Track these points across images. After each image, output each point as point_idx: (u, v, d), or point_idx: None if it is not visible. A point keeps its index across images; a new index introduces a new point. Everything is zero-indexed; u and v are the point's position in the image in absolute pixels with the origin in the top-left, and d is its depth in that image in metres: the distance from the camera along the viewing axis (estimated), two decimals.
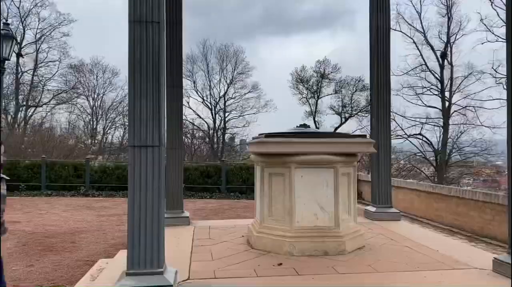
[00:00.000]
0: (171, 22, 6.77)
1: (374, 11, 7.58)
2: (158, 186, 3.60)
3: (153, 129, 3.58)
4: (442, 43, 27.93)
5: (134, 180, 3.57)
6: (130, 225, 3.58)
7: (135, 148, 3.58)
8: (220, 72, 34.54)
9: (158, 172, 3.60)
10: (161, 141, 3.65)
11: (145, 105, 3.60)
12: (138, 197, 3.57)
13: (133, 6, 3.67)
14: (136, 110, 3.59)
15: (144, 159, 3.57)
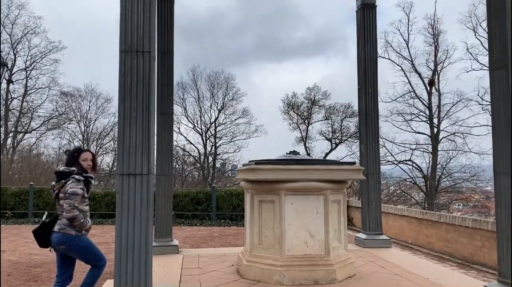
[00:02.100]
0: (162, 51, 6.86)
1: (362, 41, 7.76)
2: (147, 215, 3.57)
3: (142, 157, 3.58)
4: (429, 71, 28.54)
5: (122, 208, 3.54)
6: (118, 254, 3.52)
7: (123, 176, 3.56)
8: (211, 98, 34.77)
9: (146, 201, 3.58)
10: (150, 169, 3.64)
11: (134, 133, 3.60)
12: (126, 226, 3.53)
13: (124, 36, 3.73)
14: (125, 138, 3.59)
15: (132, 187, 3.56)
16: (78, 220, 4.13)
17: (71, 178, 4.20)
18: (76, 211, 4.12)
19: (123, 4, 3.83)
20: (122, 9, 3.83)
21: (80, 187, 4.19)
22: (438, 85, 28.16)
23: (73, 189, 4.15)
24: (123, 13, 3.81)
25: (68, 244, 4.19)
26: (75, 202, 4.13)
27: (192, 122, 34.45)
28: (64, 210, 4.14)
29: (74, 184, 4.17)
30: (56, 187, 4.30)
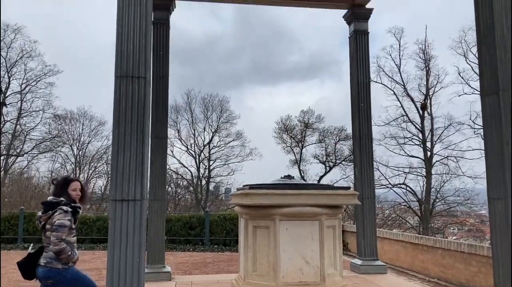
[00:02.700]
0: (157, 76, 6.90)
1: (354, 66, 7.88)
2: (139, 241, 3.51)
3: (136, 182, 3.55)
4: (422, 95, 28.90)
5: (114, 235, 3.48)
6: (109, 281, 3.45)
7: (116, 202, 3.52)
8: (205, 121, 34.85)
9: (139, 227, 3.52)
10: (144, 195, 3.60)
11: (128, 158, 3.58)
12: (118, 253, 3.47)
13: (119, 62, 3.75)
14: (119, 163, 3.57)
15: (125, 213, 3.51)
16: (66, 253, 4.00)
17: (59, 209, 4.07)
18: (64, 244, 3.99)
19: (119, 29, 3.86)
20: (118, 35, 3.86)
21: (68, 218, 4.06)
22: (431, 109, 28.48)
23: (61, 221, 4.01)
24: (119, 38, 3.84)
25: (55, 279, 4.05)
26: (63, 234, 4.00)
27: (186, 145, 34.42)
28: (51, 242, 4.01)
29: (62, 215, 4.04)
30: (43, 218, 4.17)
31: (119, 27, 3.86)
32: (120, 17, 3.88)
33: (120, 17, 3.88)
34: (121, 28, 3.85)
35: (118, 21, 3.88)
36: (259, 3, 8.60)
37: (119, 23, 3.87)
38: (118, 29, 3.85)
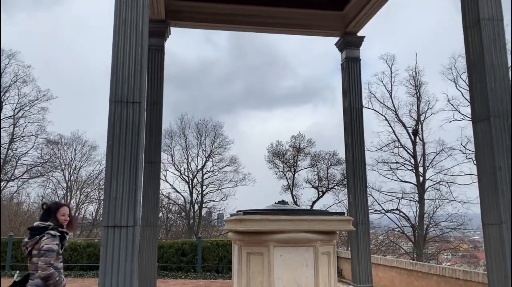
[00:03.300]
0: (151, 101, 6.93)
1: (347, 93, 7.98)
2: (131, 269, 3.45)
3: (129, 208, 3.51)
4: (413, 121, 29.21)
5: (106, 262, 3.42)
6: None
7: (108, 228, 3.47)
8: (198, 146, 34.79)
9: (131, 254, 3.46)
10: (136, 221, 3.55)
11: (121, 183, 3.55)
12: (110, 280, 3.39)
13: (114, 87, 3.76)
14: (112, 189, 3.53)
15: (117, 240, 3.45)
16: (54, 278, 3.90)
17: (46, 234, 3.99)
18: (52, 269, 3.90)
19: (115, 55, 3.90)
20: (114, 60, 3.89)
21: (56, 243, 3.98)
22: (422, 135, 28.74)
23: (49, 246, 3.92)
24: (115, 64, 3.87)
25: None
26: (51, 259, 3.91)
27: (179, 169, 34.24)
28: (39, 267, 3.91)
29: (50, 240, 3.96)
30: (30, 243, 4.08)
31: (115, 53, 3.89)
32: (116, 42, 3.92)
33: (116, 43, 3.92)
34: (117, 54, 3.89)
35: (114, 47, 3.92)
36: (253, 30, 8.75)
37: (115, 48, 3.91)
38: (113, 55, 3.89)
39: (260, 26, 8.24)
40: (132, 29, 3.92)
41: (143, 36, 3.94)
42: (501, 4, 4.61)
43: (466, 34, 4.75)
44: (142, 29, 3.95)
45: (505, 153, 4.17)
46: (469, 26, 4.68)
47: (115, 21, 3.93)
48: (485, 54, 4.41)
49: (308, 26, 8.25)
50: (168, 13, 7.60)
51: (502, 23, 4.59)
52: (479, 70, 4.47)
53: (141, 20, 3.96)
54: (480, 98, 4.42)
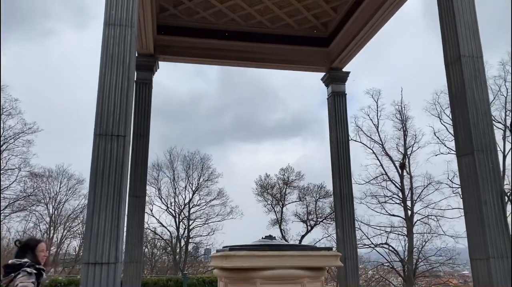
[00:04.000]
0: (138, 134, 6.89)
1: (333, 126, 8.05)
2: None
3: (111, 245, 3.41)
4: (400, 154, 29.46)
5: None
6: None
7: (89, 265, 3.35)
8: (186, 179, 34.50)
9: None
10: (118, 258, 3.44)
11: (103, 219, 3.46)
12: None
13: (99, 120, 3.73)
14: (94, 225, 3.44)
15: (98, 277, 3.33)
16: None
17: (22, 271, 3.82)
18: None
19: (101, 88, 3.89)
20: (100, 93, 3.88)
21: (32, 281, 3.80)
22: (409, 168, 28.93)
23: (24, 284, 3.73)
24: (100, 97, 3.86)
25: None
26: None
27: (166, 203, 33.77)
28: None
29: (25, 277, 3.78)
30: (4, 281, 3.89)
31: (101, 86, 3.89)
32: (102, 76, 3.93)
33: (102, 76, 3.93)
34: (103, 87, 3.88)
35: (100, 80, 3.92)
36: (241, 65, 8.89)
37: (101, 82, 3.91)
38: (99, 88, 3.88)
39: (248, 61, 8.37)
40: (119, 63, 3.94)
41: (129, 70, 3.95)
42: (480, 42, 4.76)
43: (447, 70, 4.87)
44: (129, 63, 3.97)
45: (491, 187, 4.19)
46: (451, 63, 4.81)
47: (102, 55, 3.94)
48: (466, 90, 4.51)
49: (295, 62, 8.41)
50: (157, 48, 7.69)
51: (482, 60, 4.72)
52: (461, 105, 4.56)
53: (128, 55, 3.98)
54: (464, 132, 4.48)
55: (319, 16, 7.98)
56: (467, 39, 4.71)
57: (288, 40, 8.24)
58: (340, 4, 7.56)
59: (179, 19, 7.83)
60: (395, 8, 6.47)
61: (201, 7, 7.62)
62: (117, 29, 4.02)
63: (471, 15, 4.82)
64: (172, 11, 7.64)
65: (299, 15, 7.88)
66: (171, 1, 7.47)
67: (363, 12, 7.03)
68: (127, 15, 4.12)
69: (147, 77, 7.46)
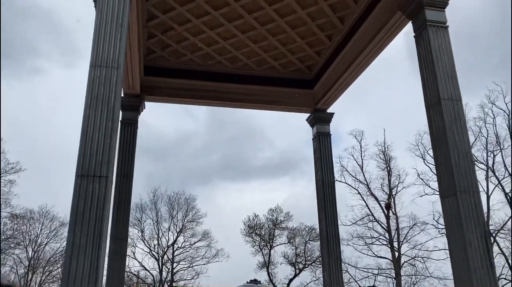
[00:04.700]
0: (121, 174, 6.81)
1: (319, 166, 8.09)
2: None
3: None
4: (385, 195, 29.54)
5: None
6: None
7: None
8: (170, 219, 33.90)
9: None
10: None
11: (82, 262, 3.35)
12: None
13: (81, 160, 3.69)
14: (72, 268, 3.32)
15: None
16: None
17: None
18: None
19: (84, 129, 3.87)
20: (83, 134, 3.86)
21: None
22: (395, 209, 28.96)
23: None
24: (84, 138, 3.83)
25: None
26: None
27: (149, 246, 32.94)
28: None
29: None
30: None
31: (85, 127, 3.87)
32: (87, 117, 3.92)
33: (86, 117, 3.91)
34: (87, 128, 3.86)
35: (84, 121, 3.91)
36: (227, 106, 8.98)
37: (85, 122, 3.89)
38: (83, 129, 3.86)
39: (234, 102, 8.48)
40: (103, 104, 3.94)
41: (114, 111, 3.95)
42: (458, 85, 4.92)
43: (428, 113, 4.99)
44: (114, 105, 3.98)
45: (475, 228, 4.20)
46: (431, 105, 4.94)
47: (87, 96, 3.95)
48: (447, 132, 4.60)
49: (281, 103, 8.54)
50: (144, 88, 7.75)
51: (461, 103, 4.86)
52: (443, 147, 4.64)
53: (114, 96, 4.00)
54: (446, 173, 4.54)
55: (303, 60, 8.19)
56: (445, 82, 4.87)
57: (274, 82, 8.40)
58: (324, 48, 7.79)
59: (166, 61, 7.95)
60: (377, 52, 6.68)
61: (189, 49, 7.77)
62: (103, 70, 4.06)
63: (448, 60, 5.01)
64: (160, 53, 7.76)
65: (284, 58, 8.09)
66: (158, 44, 7.60)
67: (346, 55, 7.26)
68: (113, 56, 4.17)
69: (133, 117, 7.46)
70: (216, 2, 6.65)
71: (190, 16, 6.90)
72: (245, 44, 7.67)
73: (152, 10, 6.71)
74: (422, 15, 5.16)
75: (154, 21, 6.96)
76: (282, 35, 7.42)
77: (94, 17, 4.37)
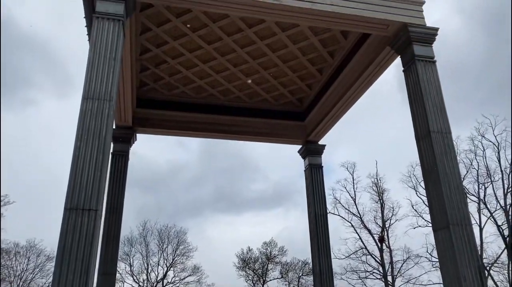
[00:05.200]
0: (111, 207, 6.71)
1: (311, 199, 8.04)
2: None
3: None
4: (378, 227, 29.34)
5: None
6: None
7: None
8: (159, 253, 33.22)
9: None
10: None
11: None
12: None
13: (71, 194, 3.64)
14: None
15: None
16: None
17: None
18: None
19: (75, 162, 3.83)
20: (73, 166, 3.81)
21: None
22: (388, 242, 28.70)
23: None
24: (74, 170, 3.79)
25: None
26: None
27: (137, 281, 32.10)
28: None
29: None
30: None
31: (75, 159, 3.83)
32: (77, 149, 3.88)
33: (77, 149, 3.88)
34: (77, 160, 3.82)
35: (74, 153, 3.87)
36: (219, 138, 8.99)
37: (75, 155, 3.86)
38: (73, 161, 3.82)
39: (226, 134, 8.49)
40: (95, 137, 3.92)
41: (105, 143, 3.93)
42: (447, 119, 4.99)
43: (419, 145, 5.03)
44: (105, 137, 3.96)
45: (468, 262, 4.15)
46: (421, 138, 4.99)
47: (78, 129, 3.94)
48: (438, 164, 4.63)
49: (272, 135, 8.58)
50: (136, 120, 7.75)
51: (451, 136, 4.92)
52: (434, 179, 4.65)
53: (105, 128, 3.99)
54: (438, 206, 4.53)
55: (294, 92, 8.29)
56: (435, 115, 4.94)
57: (266, 114, 8.47)
58: (315, 81, 7.91)
59: (159, 93, 8.00)
60: (367, 85, 6.79)
61: (181, 82, 7.84)
62: (95, 102, 4.06)
63: (437, 93, 5.10)
64: (152, 85, 7.82)
65: (276, 91, 8.18)
66: (151, 76, 7.67)
67: (336, 89, 7.36)
68: (106, 89, 4.18)
69: (124, 149, 7.42)
70: (209, 36, 6.77)
71: (183, 50, 7.00)
72: (237, 77, 7.77)
73: (145, 43, 6.80)
74: (410, 50, 5.29)
75: (148, 54, 7.04)
76: (273, 68, 7.54)
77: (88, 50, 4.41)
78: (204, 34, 6.69)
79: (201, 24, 6.49)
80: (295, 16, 5.34)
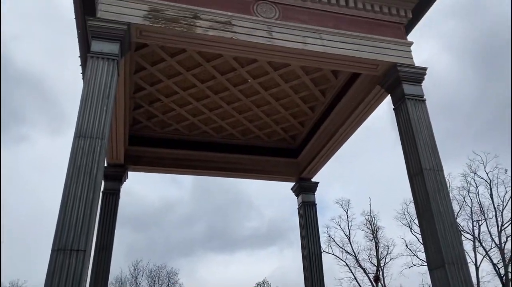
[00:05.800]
0: (100, 246, 6.56)
1: (305, 237, 7.93)
2: None
3: None
4: (373, 266, 28.83)
5: None
6: None
7: None
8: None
9: None
10: None
11: None
12: None
13: (59, 234, 3.55)
14: None
15: None
16: None
17: None
18: None
19: (64, 200, 3.77)
20: (63, 205, 3.75)
21: None
22: (384, 281, 28.13)
23: None
24: (63, 209, 3.72)
25: None
26: None
27: None
28: None
29: None
30: None
31: (65, 198, 3.77)
32: (67, 187, 3.83)
33: (67, 188, 3.82)
34: (67, 199, 3.76)
35: (64, 192, 3.81)
36: (212, 175, 8.93)
37: (65, 193, 3.80)
38: (63, 200, 3.75)
39: (218, 171, 8.45)
40: (85, 175, 3.88)
41: (96, 181, 3.89)
42: (439, 156, 5.02)
43: (411, 182, 5.03)
44: (96, 175, 3.92)
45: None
46: (414, 175, 5.00)
47: (69, 167, 3.90)
48: (431, 202, 4.61)
49: (265, 172, 8.55)
50: (128, 158, 7.71)
51: (443, 173, 4.94)
52: (428, 218, 4.62)
53: (96, 166, 3.95)
54: (433, 245, 4.48)
55: (287, 130, 8.35)
56: (426, 153, 4.97)
57: (258, 151, 8.48)
58: (307, 119, 7.99)
59: (152, 131, 8.00)
60: (358, 123, 6.86)
61: (174, 120, 7.87)
62: (87, 141, 4.04)
63: (428, 131, 5.16)
64: (145, 123, 7.83)
65: (268, 128, 8.23)
66: (144, 114, 7.70)
67: (328, 126, 7.42)
68: (98, 127, 4.18)
69: (115, 187, 7.34)
70: (203, 75, 6.87)
71: (177, 88, 7.08)
72: (230, 115, 7.82)
73: (139, 82, 6.87)
74: (400, 89, 5.39)
75: (141, 92, 7.10)
76: (266, 106, 7.62)
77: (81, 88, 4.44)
78: (197, 73, 6.79)
79: (195, 63, 6.60)
80: (287, 56, 5.46)
